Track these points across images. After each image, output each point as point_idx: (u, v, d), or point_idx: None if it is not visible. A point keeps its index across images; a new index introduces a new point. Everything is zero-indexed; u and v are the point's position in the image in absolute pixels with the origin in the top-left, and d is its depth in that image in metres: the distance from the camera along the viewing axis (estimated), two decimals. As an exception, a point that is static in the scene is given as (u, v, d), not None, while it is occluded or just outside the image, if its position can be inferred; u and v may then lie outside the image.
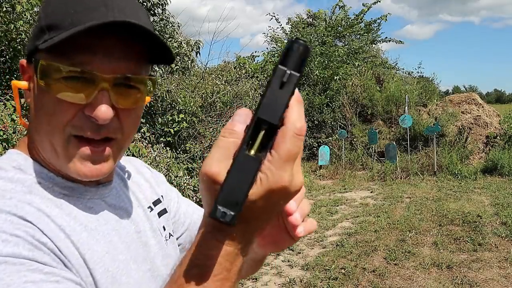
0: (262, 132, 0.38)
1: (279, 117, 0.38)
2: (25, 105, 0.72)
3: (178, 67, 6.80)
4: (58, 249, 0.55)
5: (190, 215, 0.90)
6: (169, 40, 6.96)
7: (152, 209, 0.78)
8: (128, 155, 2.54)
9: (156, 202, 0.81)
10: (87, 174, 0.60)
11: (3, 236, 0.49)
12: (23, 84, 0.63)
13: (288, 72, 0.38)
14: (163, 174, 2.27)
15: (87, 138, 0.59)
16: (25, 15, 4.47)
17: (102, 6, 0.57)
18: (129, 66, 0.60)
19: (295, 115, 0.40)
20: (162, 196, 0.84)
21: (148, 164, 2.37)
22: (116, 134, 0.62)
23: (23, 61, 0.64)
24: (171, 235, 0.81)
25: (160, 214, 0.80)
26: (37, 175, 0.61)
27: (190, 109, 6.64)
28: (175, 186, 4.45)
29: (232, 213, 0.38)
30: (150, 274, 0.70)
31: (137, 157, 3.36)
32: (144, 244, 0.72)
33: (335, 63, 11.64)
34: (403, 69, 16.03)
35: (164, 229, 0.79)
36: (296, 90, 0.40)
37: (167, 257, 0.76)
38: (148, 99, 0.68)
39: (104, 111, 0.57)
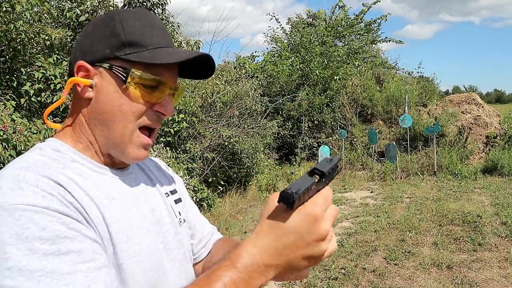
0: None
1: (326, 169, 0.63)
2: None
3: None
4: (82, 208, 0.68)
5: (194, 219, 1.03)
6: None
7: (168, 195, 0.93)
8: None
9: (173, 191, 0.96)
10: (141, 157, 0.80)
11: (42, 193, 0.63)
12: (86, 81, 0.76)
13: (330, 158, 0.66)
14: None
15: (145, 126, 0.79)
16: (25, 15, 4.46)
17: (162, 31, 0.80)
18: (177, 80, 0.83)
19: (326, 195, 0.62)
20: (176, 189, 0.99)
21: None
22: (159, 125, 0.84)
23: (82, 62, 0.76)
24: (185, 221, 0.94)
25: (176, 202, 0.94)
26: (72, 156, 0.76)
27: (190, 109, 6.64)
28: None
29: (294, 191, 0.56)
30: (163, 246, 0.82)
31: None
32: (157, 221, 0.83)
33: (335, 63, 11.63)
34: (403, 69, 16.06)
35: (180, 214, 0.93)
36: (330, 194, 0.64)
37: (179, 234, 0.89)
38: None
39: (171, 109, 0.81)
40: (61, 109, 4.59)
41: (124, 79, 0.75)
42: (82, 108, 0.78)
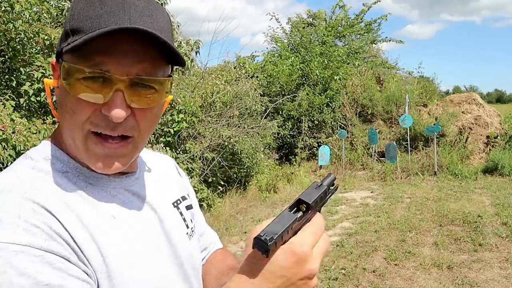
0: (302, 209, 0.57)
1: (312, 199, 0.57)
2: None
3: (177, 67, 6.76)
4: (73, 239, 0.59)
5: (202, 227, 0.98)
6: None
7: (180, 202, 0.84)
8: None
9: (184, 197, 0.87)
10: (104, 169, 0.65)
11: (24, 225, 0.55)
12: (52, 82, 0.67)
13: (320, 183, 0.60)
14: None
15: (105, 134, 0.63)
16: (24, 14, 4.45)
17: (120, 10, 0.60)
18: (145, 68, 0.62)
19: (316, 229, 0.56)
20: (188, 194, 0.90)
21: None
22: (132, 132, 0.65)
23: (53, 60, 0.67)
24: (193, 231, 0.86)
25: (188, 208, 0.86)
26: (65, 165, 0.67)
27: (190, 109, 6.63)
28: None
29: (268, 237, 0.50)
30: (172, 260, 0.74)
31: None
32: (165, 233, 0.75)
33: (335, 63, 11.61)
34: (403, 69, 15.97)
35: (191, 222, 0.85)
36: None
37: (189, 246, 0.80)
38: (170, 98, 0.71)
39: (118, 111, 0.61)
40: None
41: (60, 75, 0.63)
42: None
